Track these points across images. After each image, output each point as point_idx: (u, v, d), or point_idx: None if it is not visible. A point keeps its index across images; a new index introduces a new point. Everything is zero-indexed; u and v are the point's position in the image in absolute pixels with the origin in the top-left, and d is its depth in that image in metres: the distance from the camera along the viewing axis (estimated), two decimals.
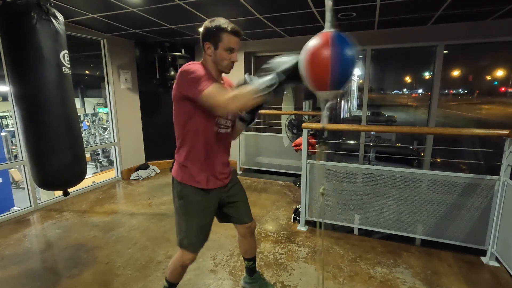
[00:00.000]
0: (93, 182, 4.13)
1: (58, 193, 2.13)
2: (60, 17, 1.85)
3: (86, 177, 2.13)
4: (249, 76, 1.18)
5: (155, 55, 4.26)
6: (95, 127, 13.33)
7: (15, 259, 2.27)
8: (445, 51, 3.62)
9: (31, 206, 3.20)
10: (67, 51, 1.88)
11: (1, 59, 2.54)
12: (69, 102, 1.93)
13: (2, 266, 2.18)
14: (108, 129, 11.86)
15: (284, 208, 3.21)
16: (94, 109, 15.93)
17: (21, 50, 1.73)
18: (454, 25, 3.36)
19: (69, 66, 1.89)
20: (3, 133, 9.31)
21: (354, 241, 2.49)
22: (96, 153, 12.67)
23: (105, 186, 4.05)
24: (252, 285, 1.81)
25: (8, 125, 12.69)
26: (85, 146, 2.17)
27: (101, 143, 12.26)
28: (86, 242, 2.51)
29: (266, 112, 4.56)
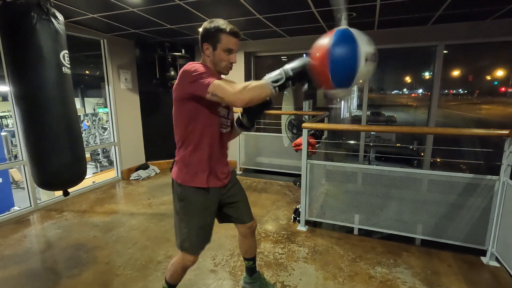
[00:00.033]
0: (93, 182, 4.13)
1: (58, 193, 2.13)
2: (60, 17, 1.85)
3: (86, 177, 2.13)
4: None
5: (155, 55, 4.26)
6: (95, 127, 13.35)
7: (15, 259, 2.27)
8: (445, 51, 3.62)
9: (31, 206, 3.20)
10: (67, 51, 1.88)
11: (1, 59, 2.53)
12: (69, 102, 1.93)
13: (2, 266, 2.18)
14: (108, 129, 11.87)
15: (284, 208, 3.21)
16: (94, 109, 15.96)
17: (21, 50, 1.73)
18: (454, 25, 3.36)
19: (69, 66, 1.89)
20: (3, 133, 9.32)
21: (354, 241, 2.49)
22: (96, 153, 12.69)
23: (105, 186, 4.05)
24: (252, 285, 1.81)
25: (8, 125, 12.72)
26: (85, 146, 2.17)
27: (101, 143, 12.28)
28: (86, 242, 2.51)
29: (266, 112, 4.55)
